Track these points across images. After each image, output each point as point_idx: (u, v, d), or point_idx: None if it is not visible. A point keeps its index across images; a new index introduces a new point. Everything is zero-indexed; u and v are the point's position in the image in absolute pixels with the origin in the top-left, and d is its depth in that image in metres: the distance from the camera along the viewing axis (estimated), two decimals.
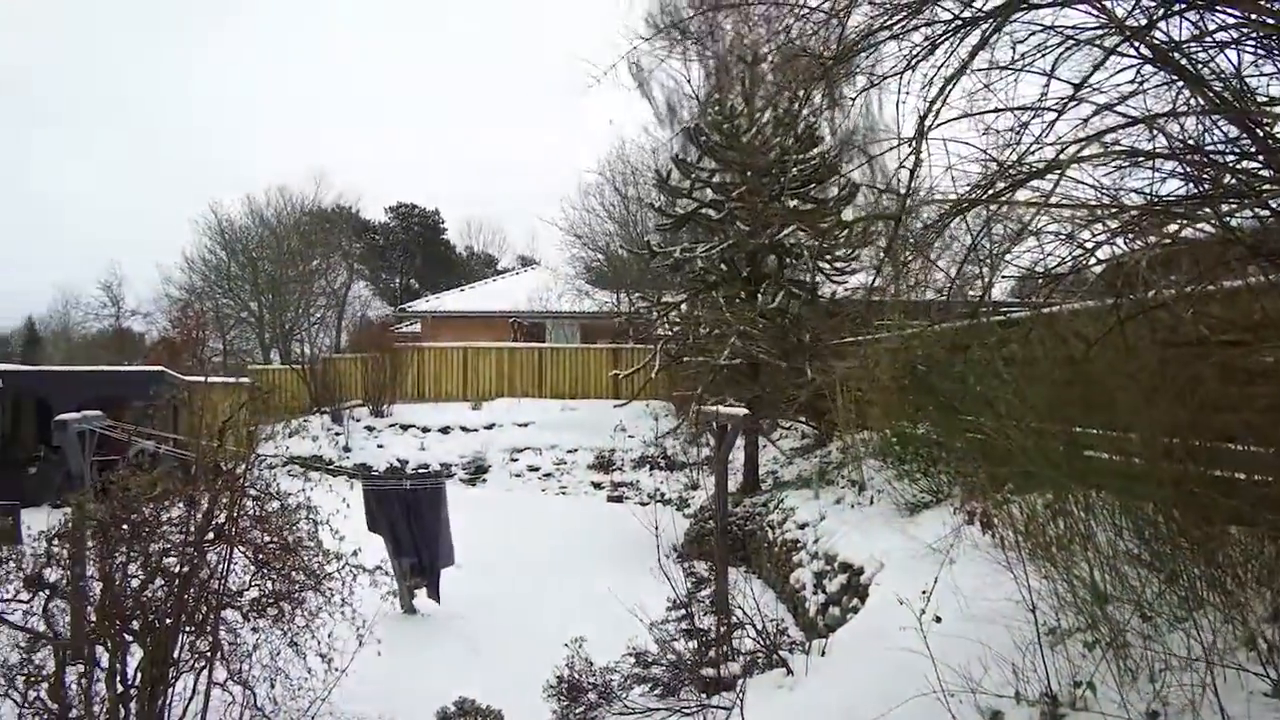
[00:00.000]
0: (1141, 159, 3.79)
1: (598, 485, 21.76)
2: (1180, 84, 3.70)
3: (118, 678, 5.69)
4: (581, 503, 20.69)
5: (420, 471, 20.75)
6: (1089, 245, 4.30)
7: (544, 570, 13.65)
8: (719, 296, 15.93)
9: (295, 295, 34.69)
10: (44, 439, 19.64)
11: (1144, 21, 3.60)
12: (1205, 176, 3.87)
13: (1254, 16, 3.44)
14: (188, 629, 5.99)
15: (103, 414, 8.39)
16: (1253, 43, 3.58)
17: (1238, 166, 3.74)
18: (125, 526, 5.69)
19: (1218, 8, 3.53)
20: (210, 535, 5.96)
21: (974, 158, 4.45)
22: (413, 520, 11.18)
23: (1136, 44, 3.61)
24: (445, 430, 23.68)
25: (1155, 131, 3.82)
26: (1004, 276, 6.32)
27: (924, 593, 4.91)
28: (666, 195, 18.49)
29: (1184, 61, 3.62)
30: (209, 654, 5.92)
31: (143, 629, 5.75)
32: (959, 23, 3.64)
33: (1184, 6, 3.53)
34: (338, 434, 23.13)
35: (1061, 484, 4.97)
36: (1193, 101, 3.70)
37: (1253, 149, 3.66)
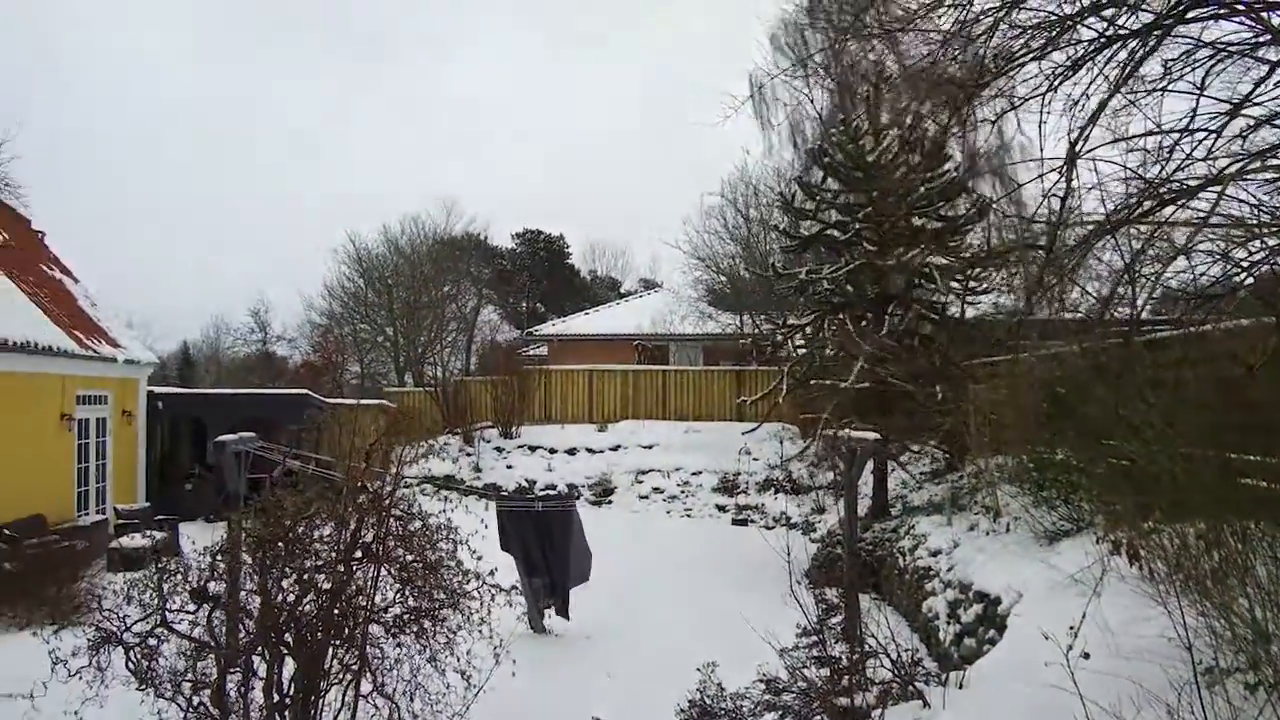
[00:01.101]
0: None
1: (722, 508, 21.70)
2: None
3: (274, 687, 6.01)
4: (706, 525, 20.66)
5: (548, 492, 21.14)
6: (1245, 263, 4.11)
7: (670, 592, 13.70)
8: (845, 318, 15.73)
9: (428, 320, 35.89)
10: (199, 457, 20.91)
11: None
12: None
13: None
14: (336, 643, 6.28)
15: (255, 435, 8.87)
16: None
17: None
18: (281, 544, 6.02)
19: None
20: (358, 553, 6.25)
21: (1118, 176, 4.32)
22: (544, 541, 11.39)
23: None
24: (571, 452, 24.05)
25: None
26: (1152, 298, 6.08)
27: (1071, 628, 4.73)
28: (790, 217, 18.39)
29: None
30: (357, 668, 6.19)
31: (296, 642, 6.06)
32: (1102, 41, 3.55)
33: None
34: (469, 454, 23.77)
35: (1215, 513, 4.74)
36: None
37: None
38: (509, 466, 23.41)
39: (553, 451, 24.08)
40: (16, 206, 21.07)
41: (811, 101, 24.00)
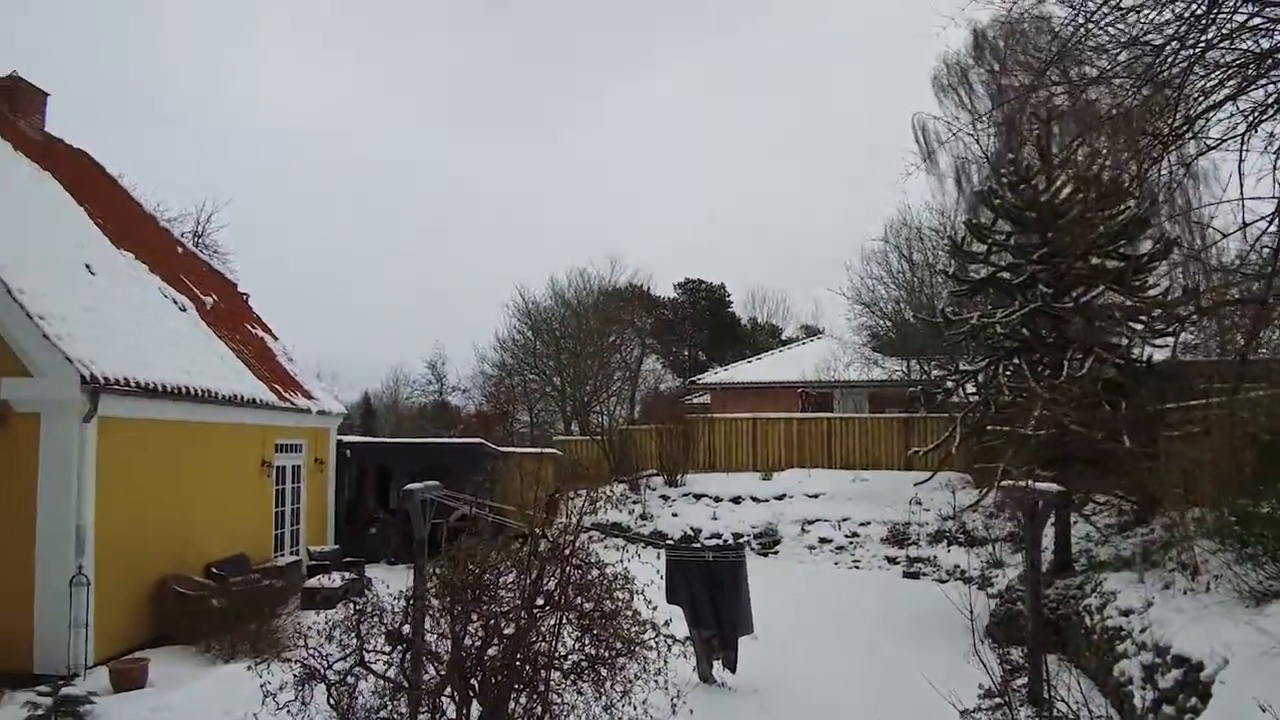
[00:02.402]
0: None
1: (892, 560, 21.12)
2: None
3: None
4: (875, 577, 20.14)
5: (715, 541, 21.12)
6: None
7: (841, 645, 13.42)
8: (1021, 363, 15.15)
9: (593, 369, 36.77)
10: (382, 503, 22.00)
11: None
12: None
13: None
14: (517, 687, 6.50)
15: (439, 484, 9.30)
16: None
17: None
18: (468, 591, 6.32)
19: None
20: (540, 600, 6.48)
21: None
22: (713, 591, 11.39)
23: None
24: (736, 500, 23.97)
25: None
26: None
27: None
28: (959, 260, 17.93)
29: None
30: (539, 713, 6.38)
31: (482, 685, 6.32)
32: None
33: None
34: (635, 502, 24.04)
35: None
36: None
37: None
38: (674, 514, 23.52)
39: (717, 500, 24.07)
40: (225, 271, 22.96)
41: (977, 141, 23.45)
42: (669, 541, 19.49)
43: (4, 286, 11.44)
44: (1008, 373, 15.48)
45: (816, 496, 23.65)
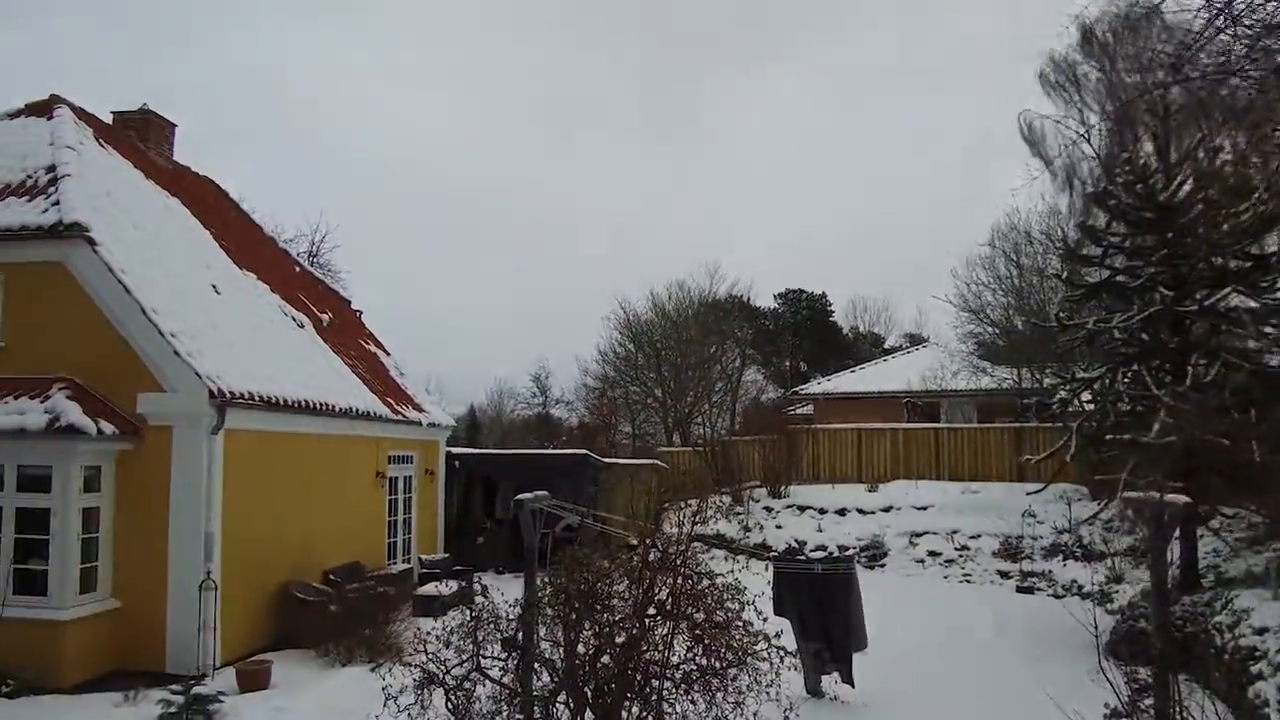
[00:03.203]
0: None
1: (1005, 574, 20.48)
2: None
3: None
4: (987, 592, 19.57)
5: (820, 553, 20.82)
6: None
7: (953, 661, 13.09)
8: (1141, 370, 14.56)
9: (694, 380, 36.80)
10: (488, 513, 22.38)
11: None
12: None
13: None
14: (630, 695, 6.56)
15: (549, 494, 9.43)
16: None
17: None
18: (579, 603, 6.41)
19: None
20: (652, 610, 6.53)
21: None
22: (822, 604, 11.24)
23: None
24: (841, 512, 23.61)
25: None
26: None
27: None
28: (1071, 264, 17.36)
29: None
30: None
31: (595, 693, 6.40)
32: None
33: None
34: (739, 513, 23.91)
35: None
36: None
37: None
38: (778, 526, 23.31)
39: (822, 512, 23.74)
40: (339, 290, 23.80)
41: (1087, 140, 22.68)
42: (773, 553, 19.32)
43: (139, 307, 12.10)
44: (1126, 380, 14.90)
45: (924, 509, 23.12)
